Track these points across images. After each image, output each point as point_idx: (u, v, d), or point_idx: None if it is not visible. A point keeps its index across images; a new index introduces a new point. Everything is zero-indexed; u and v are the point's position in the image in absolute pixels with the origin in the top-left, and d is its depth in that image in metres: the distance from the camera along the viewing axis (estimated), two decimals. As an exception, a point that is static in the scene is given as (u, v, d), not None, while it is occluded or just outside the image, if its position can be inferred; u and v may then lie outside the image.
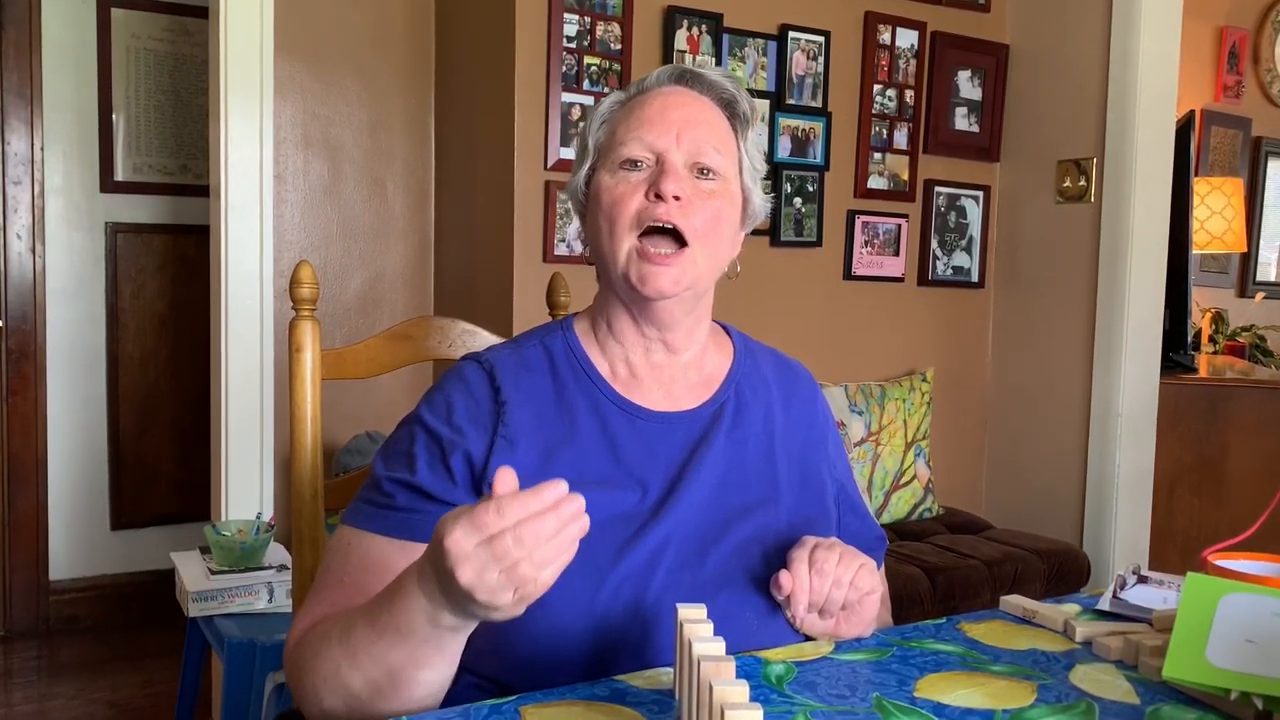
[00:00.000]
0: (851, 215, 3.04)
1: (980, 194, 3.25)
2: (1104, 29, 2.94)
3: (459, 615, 0.81)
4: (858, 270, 3.07)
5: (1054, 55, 3.11)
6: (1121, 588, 1.13)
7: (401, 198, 3.04)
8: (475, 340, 1.45)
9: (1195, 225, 3.79)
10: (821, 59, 2.94)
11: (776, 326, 2.86)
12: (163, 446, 3.48)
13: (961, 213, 3.23)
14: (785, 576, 0.96)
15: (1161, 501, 2.99)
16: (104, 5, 3.31)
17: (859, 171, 3.04)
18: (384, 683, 0.86)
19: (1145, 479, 2.95)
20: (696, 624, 0.82)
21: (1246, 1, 4.43)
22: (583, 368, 1.08)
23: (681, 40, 2.73)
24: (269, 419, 2.57)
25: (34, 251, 3.26)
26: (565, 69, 2.60)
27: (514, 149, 2.57)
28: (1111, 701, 0.87)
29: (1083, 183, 3.00)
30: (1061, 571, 2.72)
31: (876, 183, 3.07)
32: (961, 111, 3.18)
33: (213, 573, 2.15)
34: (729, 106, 1.09)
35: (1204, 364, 3.45)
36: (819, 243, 2.99)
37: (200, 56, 3.42)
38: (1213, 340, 4.06)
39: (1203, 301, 4.25)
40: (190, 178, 3.48)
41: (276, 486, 2.63)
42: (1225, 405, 3.03)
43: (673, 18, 2.72)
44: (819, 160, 2.96)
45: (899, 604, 2.27)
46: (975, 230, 3.26)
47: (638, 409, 1.06)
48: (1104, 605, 1.10)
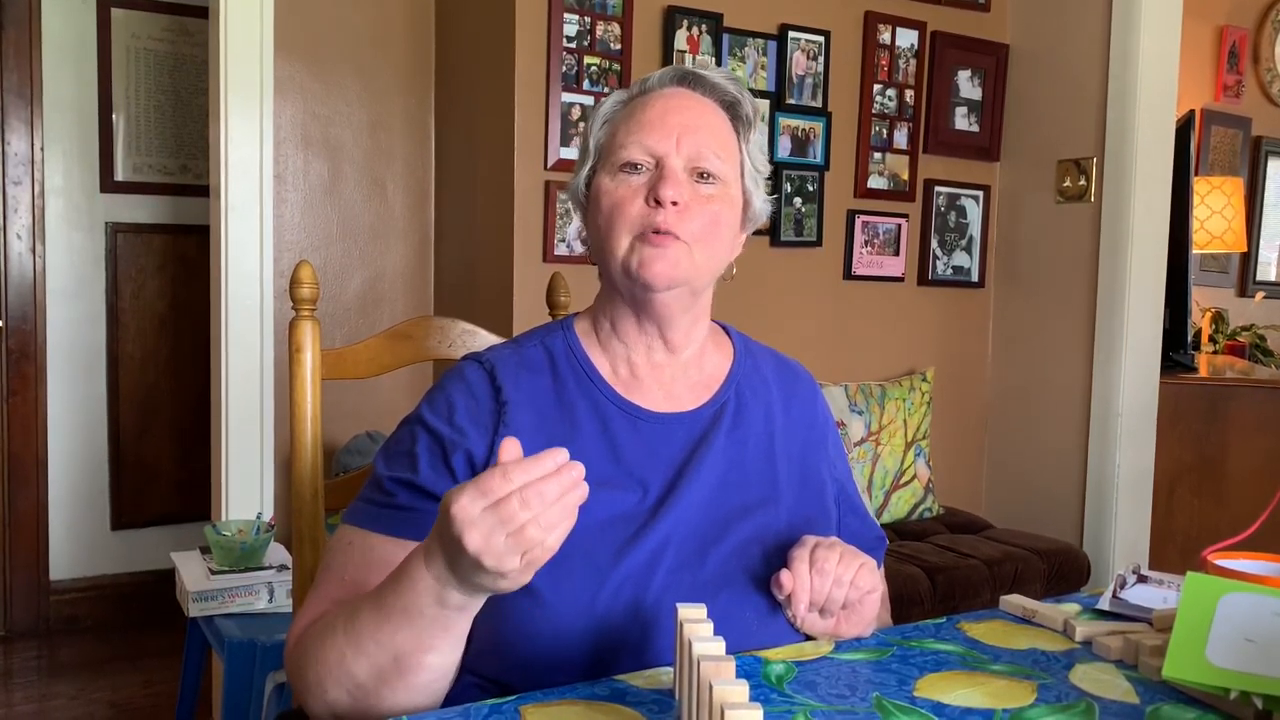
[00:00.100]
0: (851, 215, 3.04)
1: (980, 194, 3.25)
2: (1104, 29, 2.94)
3: (466, 590, 0.82)
4: (858, 270, 3.07)
5: (1054, 55, 3.11)
6: (1121, 587, 1.13)
7: (401, 198, 3.04)
8: (475, 340, 1.45)
9: (1195, 225, 3.79)
10: (821, 59, 2.94)
11: (776, 326, 2.87)
12: (163, 446, 3.48)
13: (961, 212, 3.23)
14: (786, 575, 0.96)
15: (1161, 501, 2.99)
16: (104, 5, 3.31)
17: (859, 171, 3.04)
18: (389, 669, 0.86)
19: (1145, 479, 2.95)
20: (696, 624, 0.82)
21: (1246, 1, 4.44)
22: (583, 368, 1.08)
23: (681, 40, 2.73)
24: (269, 419, 2.57)
25: (34, 251, 3.26)
26: (565, 69, 2.60)
27: (514, 149, 2.58)
28: (1111, 701, 0.87)
29: (1083, 182, 3.00)
30: (1061, 571, 2.72)
31: (876, 182, 3.07)
32: (961, 111, 3.18)
33: (213, 573, 2.15)
34: (731, 109, 1.09)
35: (1204, 364, 3.45)
36: (819, 242, 2.99)
37: (200, 56, 3.42)
38: (1213, 340, 4.06)
39: (1203, 301, 4.25)
40: (190, 178, 3.48)
41: (276, 486, 2.63)
42: (1225, 405, 3.03)
43: (673, 18, 2.72)
44: (819, 160, 2.96)
45: (899, 604, 2.27)
46: (975, 230, 3.26)
47: (638, 409, 1.06)
48: (1104, 605, 1.10)
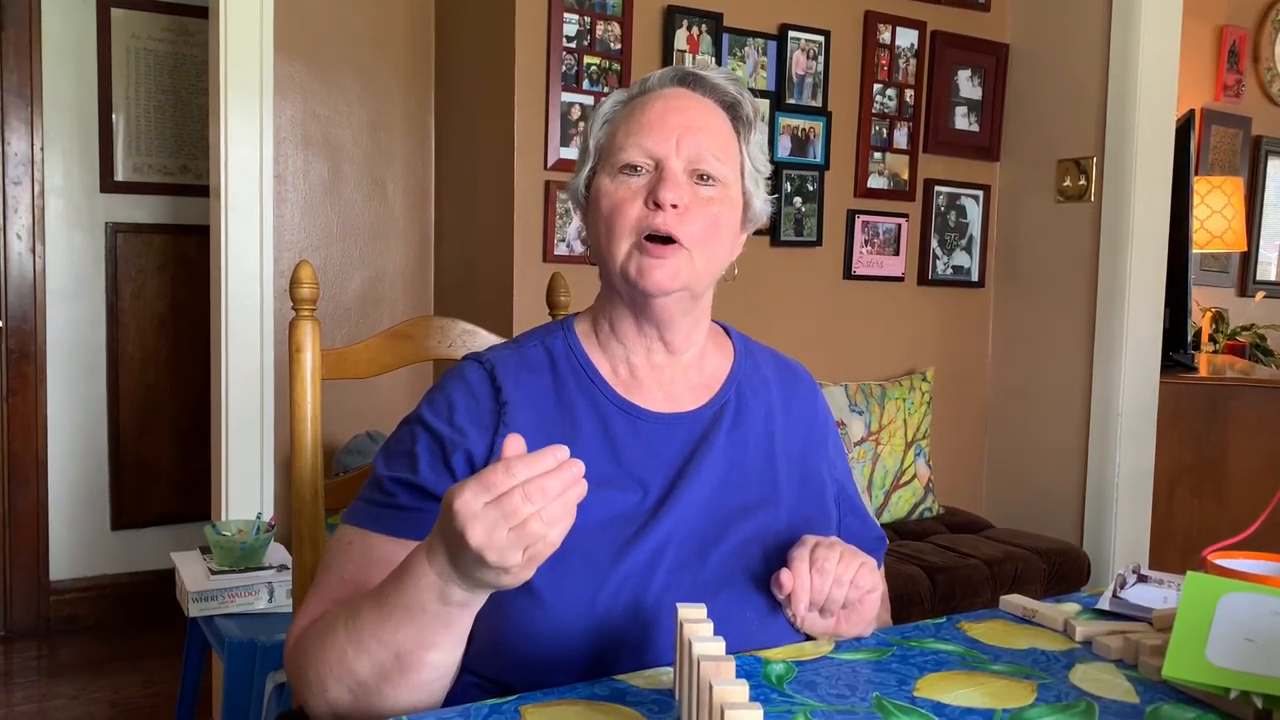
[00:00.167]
0: (851, 215, 3.04)
1: (980, 193, 3.25)
2: (1104, 28, 2.94)
3: (469, 587, 0.82)
4: (858, 270, 3.07)
5: (1054, 55, 3.10)
6: (1121, 587, 1.13)
7: (401, 198, 3.04)
8: (475, 340, 1.45)
9: (1195, 224, 3.79)
10: (821, 58, 2.94)
11: (776, 326, 2.87)
12: (163, 446, 3.48)
13: (961, 212, 3.23)
14: (786, 575, 0.96)
15: (1161, 501, 2.99)
16: (104, 5, 3.31)
17: (859, 171, 3.04)
18: (391, 666, 0.86)
19: (1145, 478, 2.95)
20: (696, 624, 0.82)
21: (1246, 1, 4.43)
22: (583, 368, 1.08)
23: (681, 40, 2.73)
24: (269, 419, 2.57)
25: (34, 251, 3.26)
26: (565, 69, 2.60)
27: (514, 149, 2.58)
28: (1111, 701, 0.87)
29: (1083, 182, 3.00)
30: (1061, 571, 2.72)
31: (876, 182, 3.07)
32: (961, 111, 3.18)
33: (213, 573, 2.15)
34: (731, 109, 1.09)
35: (1204, 363, 3.45)
36: (819, 242, 2.99)
37: (200, 56, 3.42)
38: (1213, 339, 4.06)
39: (1203, 301, 4.25)
40: (190, 178, 3.48)
41: (276, 486, 2.63)
42: (1225, 404, 3.03)
43: (673, 17, 2.72)
44: (819, 160, 2.96)
45: (899, 603, 2.27)
46: (975, 230, 3.26)
47: (638, 410, 1.06)
48: (1104, 604, 1.10)
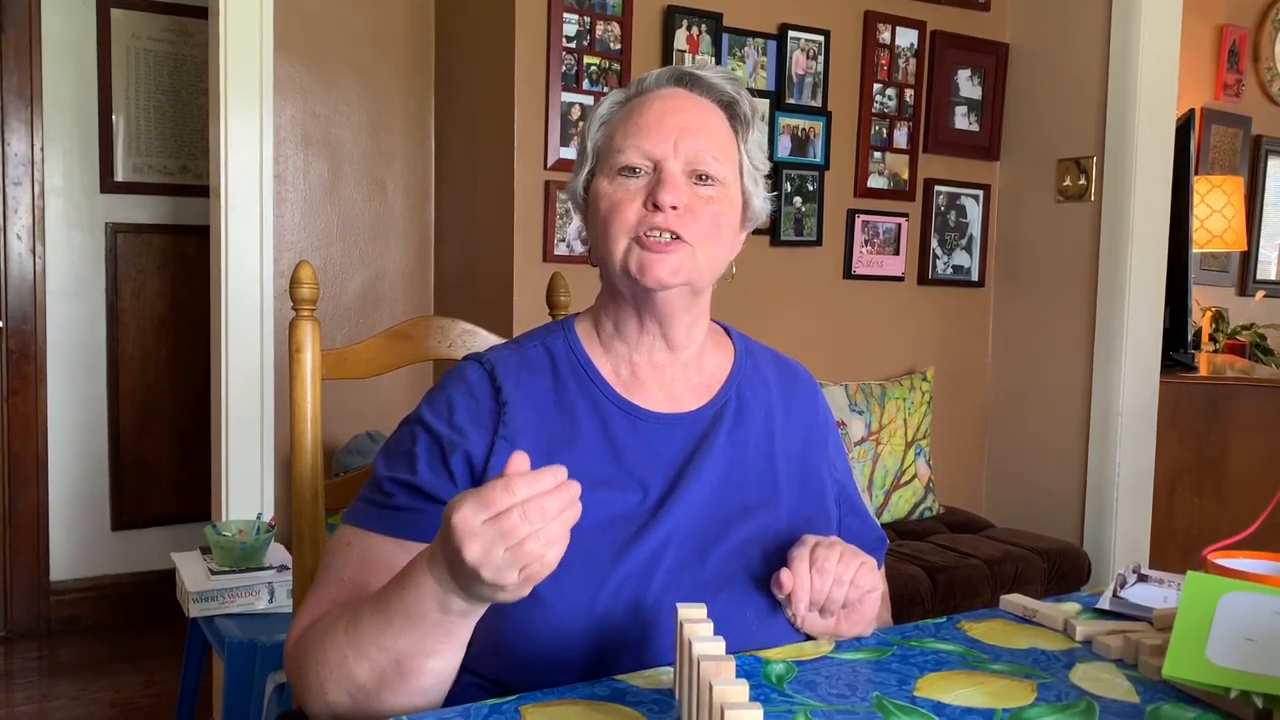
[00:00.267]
0: (851, 214, 3.04)
1: (980, 193, 3.25)
2: (1104, 28, 2.94)
3: (467, 598, 0.82)
4: (858, 269, 3.07)
5: (1054, 54, 3.10)
6: (1122, 586, 1.13)
7: (401, 198, 3.04)
8: (475, 340, 1.45)
9: (1195, 224, 3.79)
10: (821, 58, 2.94)
11: (776, 326, 2.87)
12: (163, 446, 3.48)
13: (961, 212, 3.23)
14: (786, 575, 0.96)
15: (1162, 500, 2.99)
16: (104, 5, 3.31)
17: (859, 171, 3.04)
18: (391, 672, 0.86)
19: (1145, 478, 2.95)
20: (696, 624, 0.82)
21: (1246, 1, 4.43)
22: (584, 368, 1.08)
23: (681, 40, 2.73)
24: (269, 419, 2.57)
25: (34, 251, 3.26)
26: (565, 69, 2.60)
27: (514, 149, 2.57)
28: (1111, 700, 0.87)
29: (1083, 181, 3.00)
30: (1062, 570, 2.72)
31: (876, 182, 3.07)
32: (961, 110, 3.18)
33: (213, 573, 2.15)
34: (729, 108, 1.09)
35: (1204, 363, 3.45)
36: (819, 242, 2.99)
37: (200, 56, 3.42)
38: (1213, 339, 4.06)
39: (1203, 300, 4.25)
40: (190, 178, 3.48)
41: (277, 486, 2.63)
42: (1225, 404, 3.03)
43: (672, 17, 2.72)
44: (819, 159, 2.96)
45: (899, 603, 2.27)
46: (975, 229, 3.26)
47: (639, 410, 1.06)
48: (1104, 604, 1.10)
